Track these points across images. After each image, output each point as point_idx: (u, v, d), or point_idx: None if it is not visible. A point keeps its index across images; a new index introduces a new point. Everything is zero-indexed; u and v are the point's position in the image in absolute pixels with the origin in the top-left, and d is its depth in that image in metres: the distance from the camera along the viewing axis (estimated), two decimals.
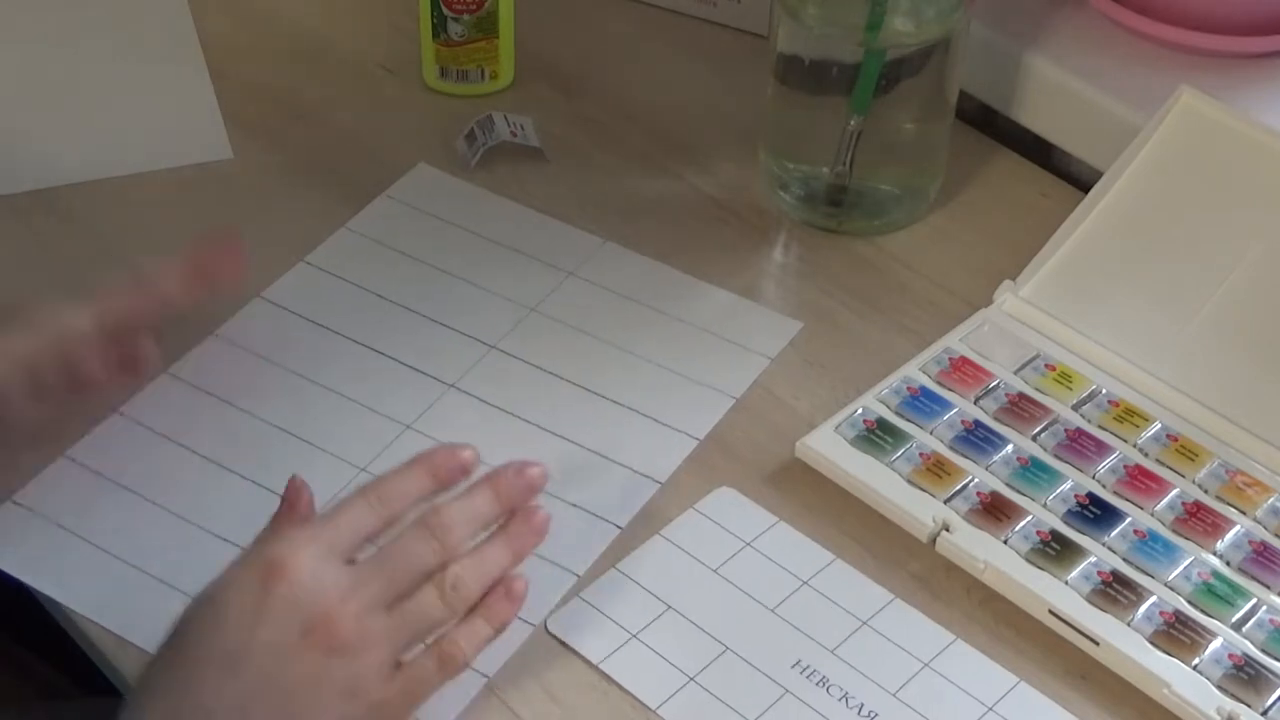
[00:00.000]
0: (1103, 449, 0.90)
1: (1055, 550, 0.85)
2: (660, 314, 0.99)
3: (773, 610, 0.84)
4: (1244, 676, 0.81)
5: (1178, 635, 0.82)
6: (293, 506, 0.78)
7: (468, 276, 1.01)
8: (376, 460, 0.91)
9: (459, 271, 1.01)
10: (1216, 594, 0.84)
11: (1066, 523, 0.87)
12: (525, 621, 0.83)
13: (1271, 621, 0.83)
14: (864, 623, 0.84)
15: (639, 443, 0.91)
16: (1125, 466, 0.89)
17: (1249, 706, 0.79)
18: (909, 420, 0.91)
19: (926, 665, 0.82)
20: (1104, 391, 0.93)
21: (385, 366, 0.96)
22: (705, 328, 0.98)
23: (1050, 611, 0.83)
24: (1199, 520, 0.87)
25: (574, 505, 0.88)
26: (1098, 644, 0.82)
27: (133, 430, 0.92)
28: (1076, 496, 0.88)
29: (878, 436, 0.90)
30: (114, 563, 0.86)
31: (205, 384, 0.94)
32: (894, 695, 0.81)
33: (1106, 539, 0.86)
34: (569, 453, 0.91)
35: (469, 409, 0.94)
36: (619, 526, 0.87)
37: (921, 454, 0.89)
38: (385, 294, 1.00)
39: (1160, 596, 0.84)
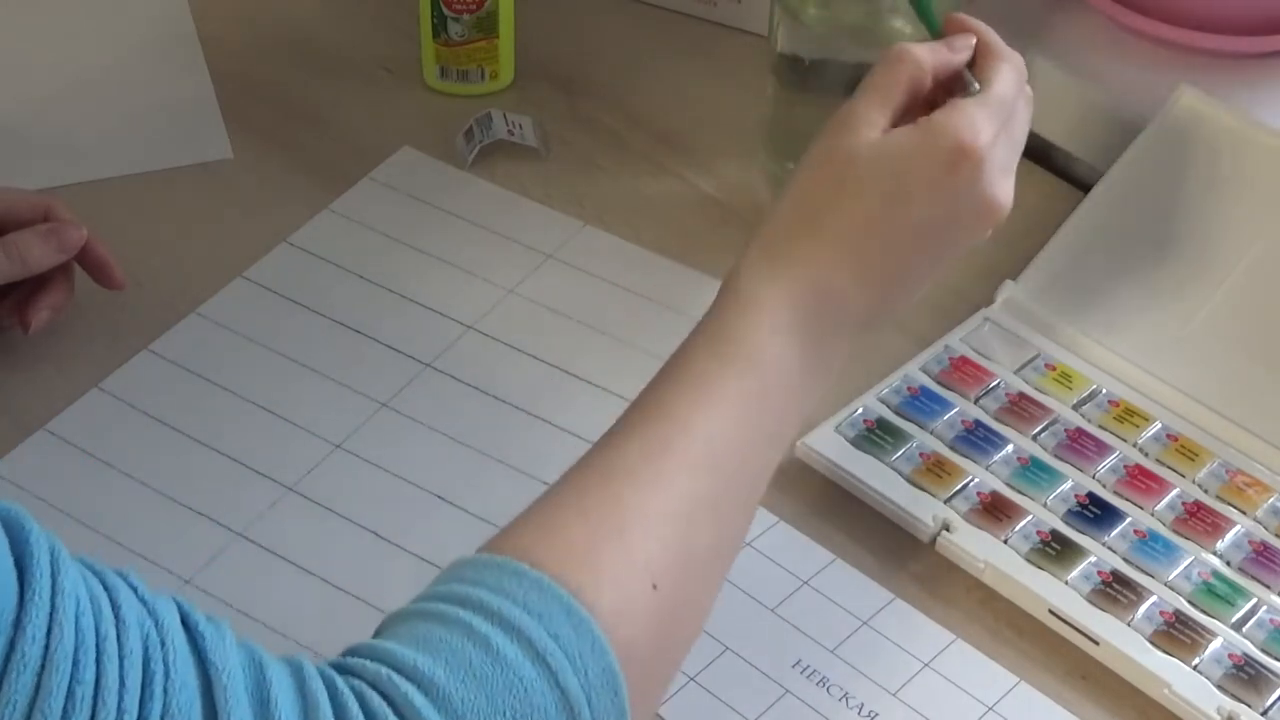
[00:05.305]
0: (1103, 449, 0.90)
1: (1055, 550, 0.85)
2: (634, 295, 1.00)
3: (773, 610, 0.84)
4: (1244, 676, 0.81)
5: (1178, 635, 0.82)
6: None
7: (447, 258, 1.01)
8: (351, 437, 0.91)
9: (439, 253, 1.02)
10: (1216, 594, 0.84)
11: (1067, 522, 0.87)
12: None
13: (1272, 621, 0.83)
14: (864, 623, 0.84)
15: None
16: (1125, 466, 0.89)
17: (1249, 706, 0.79)
18: (909, 420, 0.91)
19: (926, 665, 0.82)
20: (1104, 391, 0.93)
21: (363, 345, 0.96)
22: (676, 308, 0.98)
23: (1050, 611, 0.83)
24: (1199, 520, 0.87)
25: (547, 484, 0.89)
26: (1098, 644, 0.82)
27: (112, 405, 0.93)
28: (1076, 496, 0.88)
29: (878, 436, 0.90)
30: (90, 535, 0.86)
31: (185, 360, 0.95)
32: (894, 695, 0.81)
33: (1106, 539, 0.86)
34: (544, 433, 0.92)
35: (445, 388, 0.94)
36: None
37: (922, 454, 0.89)
38: (365, 274, 1.00)
39: (1160, 596, 0.84)
